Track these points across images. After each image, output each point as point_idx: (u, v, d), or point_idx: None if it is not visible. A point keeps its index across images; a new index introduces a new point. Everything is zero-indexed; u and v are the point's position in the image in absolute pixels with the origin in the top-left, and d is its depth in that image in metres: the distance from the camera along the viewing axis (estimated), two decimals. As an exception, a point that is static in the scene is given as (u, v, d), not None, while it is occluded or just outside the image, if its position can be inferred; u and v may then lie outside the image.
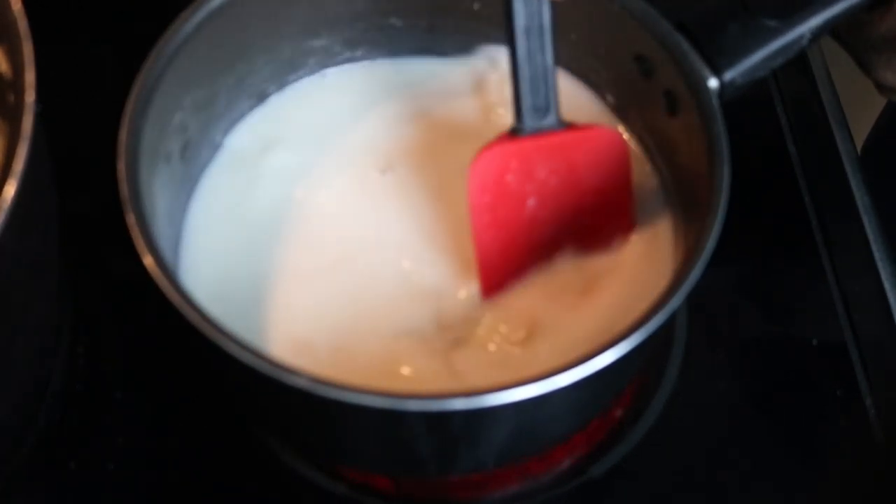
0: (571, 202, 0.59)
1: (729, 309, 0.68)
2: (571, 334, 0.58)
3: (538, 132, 0.57)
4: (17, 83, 0.50)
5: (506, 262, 0.59)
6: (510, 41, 0.56)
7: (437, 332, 0.58)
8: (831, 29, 0.59)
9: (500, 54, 0.66)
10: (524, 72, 0.56)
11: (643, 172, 0.63)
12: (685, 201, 0.59)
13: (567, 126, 0.58)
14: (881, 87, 0.63)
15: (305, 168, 0.64)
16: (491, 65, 0.67)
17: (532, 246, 0.59)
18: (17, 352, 0.56)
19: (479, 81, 0.67)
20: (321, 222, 0.62)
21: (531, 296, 0.59)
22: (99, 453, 0.61)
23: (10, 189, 0.47)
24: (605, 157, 0.59)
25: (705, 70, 0.57)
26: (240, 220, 0.62)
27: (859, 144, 0.75)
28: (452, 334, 0.58)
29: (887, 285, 0.69)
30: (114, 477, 0.61)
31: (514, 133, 0.57)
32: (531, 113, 0.57)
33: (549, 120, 0.57)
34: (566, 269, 0.60)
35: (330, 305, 0.59)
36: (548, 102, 0.57)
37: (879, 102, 0.65)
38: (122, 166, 0.53)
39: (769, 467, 0.63)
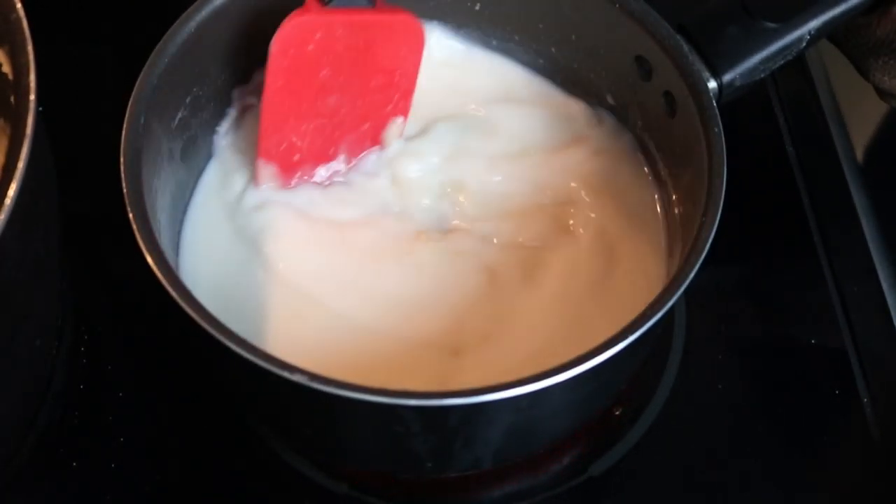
0: (360, 80, 0.60)
1: (728, 309, 0.68)
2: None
3: (344, 6, 0.57)
4: (19, 84, 0.50)
5: (290, 128, 0.60)
6: None
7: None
8: (832, 32, 0.59)
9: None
10: None
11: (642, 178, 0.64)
12: (684, 202, 0.59)
13: (373, 4, 0.58)
14: (880, 92, 0.63)
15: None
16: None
17: (317, 116, 0.60)
18: (18, 351, 0.56)
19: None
20: (322, 226, 0.63)
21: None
22: (100, 453, 0.61)
23: (12, 189, 0.47)
24: (402, 44, 0.60)
25: (705, 71, 0.58)
26: (237, 220, 0.62)
27: (858, 145, 0.75)
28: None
29: (885, 285, 0.69)
30: (115, 476, 0.61)
31: (320, 2, 0.57)
32: None
33: None
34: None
35: (325, 311, 0.60)
36: None
37: (877, 103, 0.65)
38: (124, 165, 0.53)
39: (768, 466, 0.63)
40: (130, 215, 0.52)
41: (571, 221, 0.63)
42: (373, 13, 0.59)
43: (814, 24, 0.58)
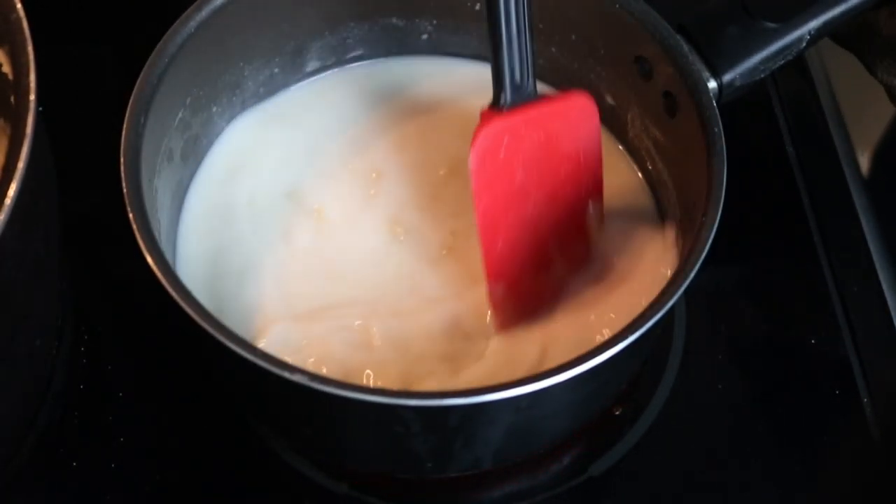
0: (551, 173, 0.59)
1: (728, 309, 0.68)
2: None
3: (518, 105, 0.57)
4: (19, 84, 0.50)
5: (506, 242, 0.59)
6: (493, 21, 0.55)
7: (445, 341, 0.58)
8: (832, 32, 0.59)
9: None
10: (506, 49, 0.55)
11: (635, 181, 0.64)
12: (684, 202, 0.59)
13: (541, 96, 0.58)
14: (890, 92, 0.63)
15: (301, 168, 0.65)
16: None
17: (526, 223, 0.59)
18: (18, 351, 0.56)
19: (480, 82, 0.67)
20: (317, 224, 0.63)
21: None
22: (100, 453, 0.61)
23: (12, 189, 0.47)
24: (577, 124, 0.59)
25: (705, 71, 0.58)
26: (232, 217, 0.62)
27: (858, 145, 0.75)
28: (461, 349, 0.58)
29: (885, 285, 0.69)
30: (115, 476, 0.61)
31: (496, 108, 0.57)
32: (513, 88, 0.56)
33: (528, 92, 0.57)
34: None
35: (323, 308, 0.60)
36: (525, 76, 0.56)
37: (877, 104, 0.65)
38: (124, 165, 0.53)
39: (768, 466, 0.63)
40: (130, 215, 0.52)
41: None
42: (544, 104, 0.58)
43: (814, 24, 0.58)
